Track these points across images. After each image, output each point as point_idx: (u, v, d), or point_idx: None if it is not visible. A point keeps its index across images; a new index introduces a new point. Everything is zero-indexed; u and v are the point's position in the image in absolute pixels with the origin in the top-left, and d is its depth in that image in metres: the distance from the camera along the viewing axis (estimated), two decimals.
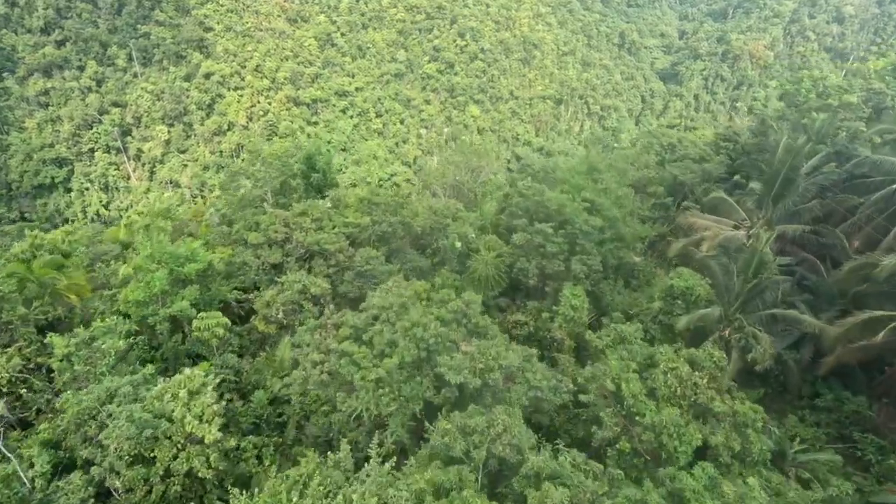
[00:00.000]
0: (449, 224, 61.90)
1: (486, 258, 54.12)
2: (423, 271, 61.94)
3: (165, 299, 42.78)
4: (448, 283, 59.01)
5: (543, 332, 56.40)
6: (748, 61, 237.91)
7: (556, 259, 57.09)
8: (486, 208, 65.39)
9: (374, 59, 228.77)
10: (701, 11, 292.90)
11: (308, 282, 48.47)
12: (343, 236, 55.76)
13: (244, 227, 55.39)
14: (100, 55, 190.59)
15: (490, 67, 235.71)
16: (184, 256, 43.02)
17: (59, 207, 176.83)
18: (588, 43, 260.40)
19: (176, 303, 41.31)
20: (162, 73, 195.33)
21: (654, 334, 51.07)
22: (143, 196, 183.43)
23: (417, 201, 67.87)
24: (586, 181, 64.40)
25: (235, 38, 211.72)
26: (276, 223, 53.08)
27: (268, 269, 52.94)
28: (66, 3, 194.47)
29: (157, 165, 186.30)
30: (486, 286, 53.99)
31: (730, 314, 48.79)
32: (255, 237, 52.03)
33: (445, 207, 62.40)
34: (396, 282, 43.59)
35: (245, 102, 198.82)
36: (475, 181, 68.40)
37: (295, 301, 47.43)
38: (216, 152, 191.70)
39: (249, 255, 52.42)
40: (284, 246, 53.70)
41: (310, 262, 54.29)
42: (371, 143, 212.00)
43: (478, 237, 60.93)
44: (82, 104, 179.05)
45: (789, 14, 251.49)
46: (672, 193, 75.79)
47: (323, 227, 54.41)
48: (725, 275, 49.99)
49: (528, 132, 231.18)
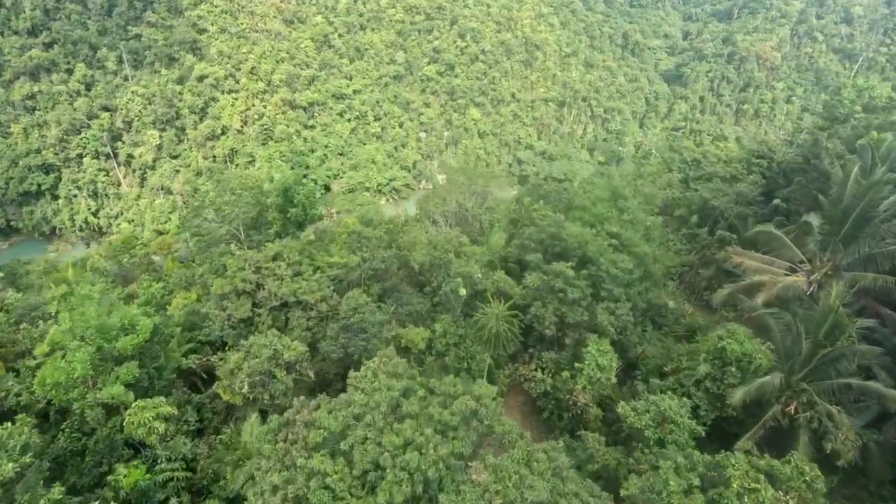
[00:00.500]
0: (451, 261, 52.37)
1: (495, 311, 44.52)
2: (422, 315, 52.53)
3: (97, 379, 33.13)
4: (450, 331, 49.59)
5: (563, 394, 46.98)
6: (755, 63, 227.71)
7: (577, 306, 47.59)
8: (493, 240, 55.88)
9: (372, 60, 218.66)
10: (705, 12, 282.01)
11: (281, 345, 38.92)
12: (327, 281, 46.26)
13: (209, 270, 45.90)
14: (89, 58, 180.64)
15: (491, 69, 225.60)
16: (117, 327, 33.30)
17: (46, 215, 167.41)
18: (591, 44, 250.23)
19: (108, 386, 31.69)
20: (153, 76, 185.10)
21: (697, 402, 41.56)
22: (133, 203, 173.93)
23: (415, 230, 58.32)
24: (610, 210, 54.81)
25: (230, 39, 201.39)
26: (246, 268, 43.51)
27: (236, 324, 43.43)
28: (55, 4, 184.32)
29: (149, 171, 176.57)
30: (497, 345, 44.42)
31: (793, 383, 39.30)
32: (219, 285, 42.44)
33: (446, 240, 52.83)
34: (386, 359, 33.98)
35: (239, 106, 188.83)
36: (480, 206, 58.84)
37: (264, 371, 37.91)
38: (209, 157, 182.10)
39: (213, 306, 42.88)
40: (255, 295, 44.20)
41: (286, 313, 44.77)
42: (369, 147, 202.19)
43: (485, 275, 51.43)
44: (70, 108, 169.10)
45: (796, 14, 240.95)
46: (702, 218, 66.16)
47: (301, 272, 44.85)
48: (787, 334, 40.47)
49: (530, 135, 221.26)
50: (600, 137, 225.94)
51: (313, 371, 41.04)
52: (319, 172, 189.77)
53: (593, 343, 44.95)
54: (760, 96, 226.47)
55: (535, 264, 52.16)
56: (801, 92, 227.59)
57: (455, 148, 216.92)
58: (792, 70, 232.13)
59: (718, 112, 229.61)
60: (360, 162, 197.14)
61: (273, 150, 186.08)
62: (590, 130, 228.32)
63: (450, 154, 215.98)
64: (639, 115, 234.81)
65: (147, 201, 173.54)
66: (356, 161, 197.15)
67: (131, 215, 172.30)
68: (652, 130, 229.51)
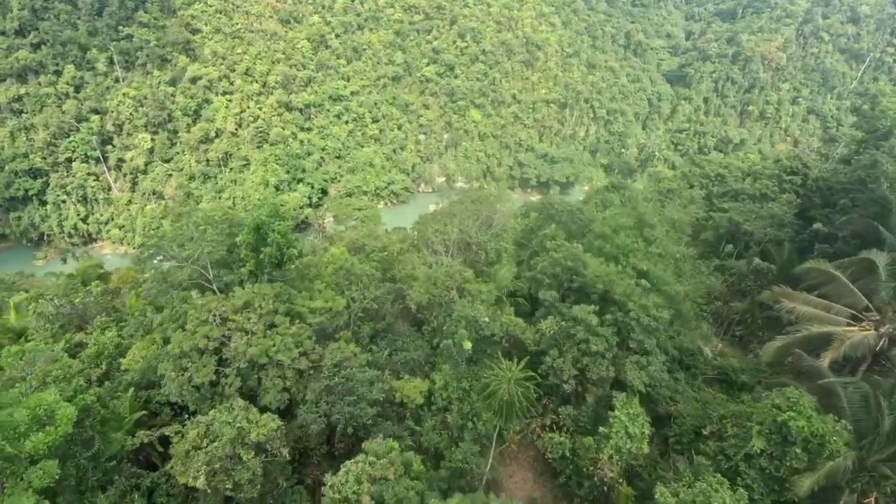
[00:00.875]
0: (454, 300, 44.85)
1: (507, 375, 36.99)
2: (419, 364, 45.02)
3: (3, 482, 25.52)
4: (452, 383, 42.13)
5: (585, 461, 39.44)
6: (760, 63, 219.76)
7: (602, 358, 40.09)
8: (501, 274, 48.23)
9: (370, 61, 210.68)
10: (708, 11, 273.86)
11: (247, 421, 31.40)
12: (308, 331, 38.74)
13: (170, 318, 38.36)
14: (78, 59, 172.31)
15: (491, 70, 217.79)
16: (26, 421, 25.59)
17: (34, 221, 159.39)
18: (593, 44, 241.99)
19: (14, 496, 24.12)
20: (145, 78, 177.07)
21: (749, 482, 34.08)
22: (124, 208, 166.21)
23: (412, 259, 50.68)
24: (635, 240, 47.19)
25: (224, 40, 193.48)
26: (210, 320, 35.95)
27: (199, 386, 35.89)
28: (43, 3, 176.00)
29: (140, 176, 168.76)
30: (510, 415, 36.89)
31: (871, 465, 31.83)
32: (178, 342, 34.88)
33: (448, 275, 45.25)
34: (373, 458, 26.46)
35: (234, 108, 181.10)
36: (486, 231, 51.25)
37: (226, 456, 30.38)
38: (203, 161, 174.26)
39: (170, 367, 35.31)
40: (222, 350, 36.67)
41: (259, 371, 37.20)
42: (367, 149, 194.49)
43: (493, 316, 43.90)
44: (59, 111, 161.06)
45: (802, 14, 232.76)
46: (731, 242, 58.56)
47: (276, 323, 37.24)
48: (862, 406, 33.00)
49: (531, 137, 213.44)
50: (602, 139, 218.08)
51: (288, 448, 33.54)
52: (316, 176, 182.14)
53: (622, 405, 37.47)
54: (766, 97, 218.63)
55: (551, 304, 44.66)
56: (807, 93, 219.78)
57: (455, 150, 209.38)
58: (798, 71, 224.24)
59: (723, 114, 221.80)
60: (357, 165, 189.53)
61: (268, 154, 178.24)
62: (592, 132, 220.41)
63: (449, 157, 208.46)
64: (641, 117, 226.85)
65: (138, 206, 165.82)
66: (354, 164, 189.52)
67: (122, 221, 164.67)
68: (655, 132, 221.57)
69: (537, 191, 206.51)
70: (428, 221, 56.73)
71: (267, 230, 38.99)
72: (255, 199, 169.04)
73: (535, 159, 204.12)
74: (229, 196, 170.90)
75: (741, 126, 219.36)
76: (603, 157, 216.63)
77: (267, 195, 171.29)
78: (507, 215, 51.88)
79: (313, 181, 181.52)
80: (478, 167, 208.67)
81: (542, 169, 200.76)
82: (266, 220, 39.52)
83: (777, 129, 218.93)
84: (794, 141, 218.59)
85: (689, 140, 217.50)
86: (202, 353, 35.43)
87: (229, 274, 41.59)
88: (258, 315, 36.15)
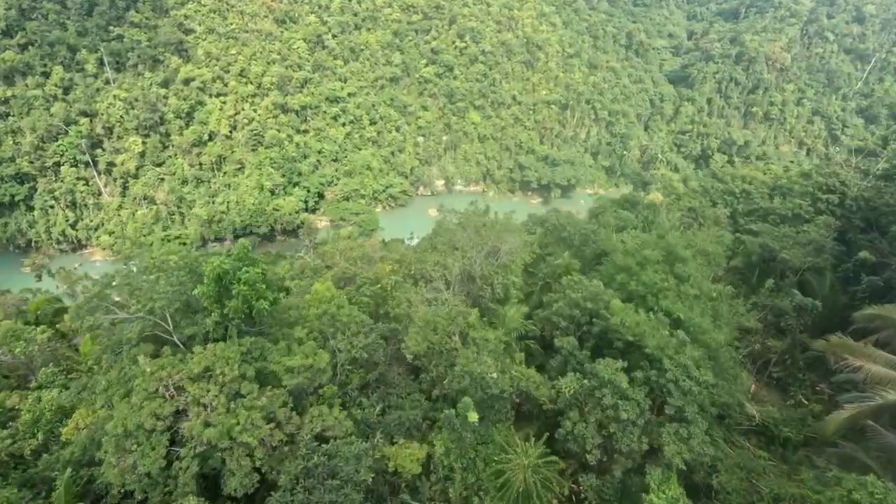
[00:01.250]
0: (456, 348, 38.03)
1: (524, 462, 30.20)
2: (416, 424, 38.23)
3: None
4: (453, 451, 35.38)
5: None
6: (764, 64, 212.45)
7: (632, 426, 33.31)
8: (510, 315, 41.34)
9: (367, 62, 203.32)
10: (710, 11, 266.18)
11: None
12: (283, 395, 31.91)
13: (116, 381, 31.49)
14: (67, 60, 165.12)
15: (491, 70, 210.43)
16: None
17: (21, 227, 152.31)
18: (594, 44, 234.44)
19: None
20: (136, 79, 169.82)
21: None
22: (115, 213, 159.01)
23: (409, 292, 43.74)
24: (665, 277, 40.29)
25: (218, 40, 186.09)
26: (160, 389, 29.08)
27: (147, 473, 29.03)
28: (31, 3, 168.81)
29: (131, 180, 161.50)
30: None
31: None
32: (119, 419, 28.03)
33: (449, 318, 38.41)
34: None
35: (228, 110, 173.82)
36: (493, 264, 44.40)
37: None
38: (196, 165, 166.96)
39: (111, 449, 28.45)
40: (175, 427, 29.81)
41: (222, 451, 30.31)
42: (365, 152, 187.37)
43: (502, 368, 37.12)
44: (46, 114, 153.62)
45: (806, 14, 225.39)
46: (763, 270, 51.62)
47: (243, 393, 30.36)
48: None
49: (531, 139, 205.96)
50: (604, 141, 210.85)
51: None
52: (312, 179, 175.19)
53: (657, 486, 30.75)
54: (770, 98, 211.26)
55: (569, 353, 37.83)
56: (811, 94, 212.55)
57: (454, 153, 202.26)
58: (802, 71, 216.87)
59: (726, 115, 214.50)
60: (354, 168, 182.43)
61: (263, 157, 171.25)
62: (593, 134, 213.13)
63: (449, 159, 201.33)
64: (643, 118, 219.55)
65: (129, 212, 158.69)
66: (351, 167, 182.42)
67: (112, 226, 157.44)
68: (657, 134, 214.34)
69: (538, 194, 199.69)
70: (427, 250, 49.76)
71: (231, 280, 32.09)
72: (249, 204, 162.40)
73: (535, 162, 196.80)
74: (223, 201, 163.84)
75: (745, 127, 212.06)
76: (605, 159, 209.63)
77: (262, 199, 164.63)
78: (517, 246, 44.95)
79: (309, 185, 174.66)
80: (477, 170, 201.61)
81: (543, 172, 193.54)
82: (230, 269, 32.51)
83: (781, 131, 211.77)
84: (798, 142, 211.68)
85: (693, 142, 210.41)
86: (150, 432, 28.65)
87: (190, 325, 34.58)
88: (219, 385, 29.30)
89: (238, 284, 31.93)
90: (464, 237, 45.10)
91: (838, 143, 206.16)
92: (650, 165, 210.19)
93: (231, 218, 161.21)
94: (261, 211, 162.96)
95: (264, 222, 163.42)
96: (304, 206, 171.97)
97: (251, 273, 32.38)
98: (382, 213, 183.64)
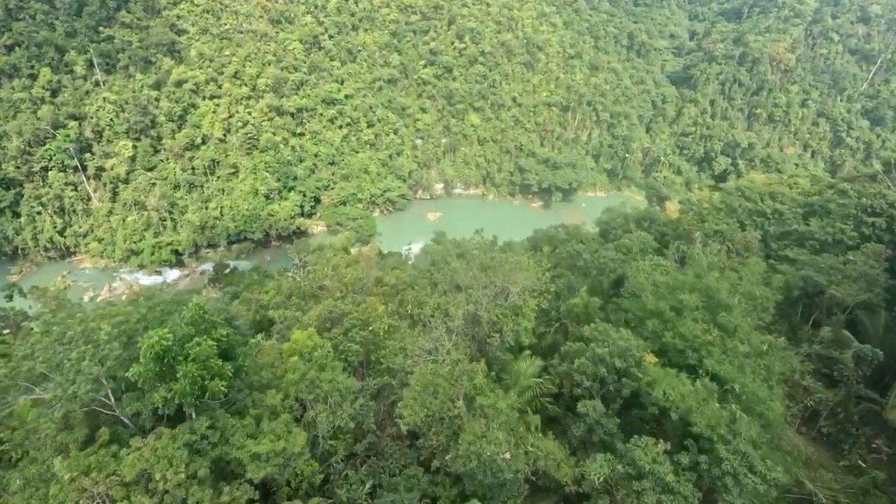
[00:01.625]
0: (460, 416, 31.14)
1: None
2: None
3: None
4: None
5: None
6: (768, 64, 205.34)
7: None
8: (524, 371, 34.41)
9: (365, 63, 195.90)
10: (712, 11, 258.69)
11: None
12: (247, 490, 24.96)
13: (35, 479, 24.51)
14: (55, 61, 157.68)
15: (491, 72, 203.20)
16: None
17: (7, 234, 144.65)
18: (595, 44, 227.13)
19: None
20: (127, 81, 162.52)
21: None
22: (104, 219, 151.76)
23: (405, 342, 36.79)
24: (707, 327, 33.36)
25: (212, 41, 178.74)
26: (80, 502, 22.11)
27: None
28: (18, 3, 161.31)
29: (121, 185, 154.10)
30: None
31: None
32: None
33: (452, 380, 31.54)
34: None
35: (222, 113, 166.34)
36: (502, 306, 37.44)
37: None
38: (188, 169, 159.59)
39: None
40: None
41: None
42: (362, 155, 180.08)
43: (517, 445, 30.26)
44: (33, 117, 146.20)
45: (811, 14, 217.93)
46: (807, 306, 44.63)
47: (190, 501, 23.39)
48: None
49: (532, 142, 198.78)
50: (606, 143, 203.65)
51: None
52: (308, 183, 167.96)
53: None
54: (774, 100, 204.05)
55: (595, 422, 30.96)
56: (816, 95, 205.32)
57: (453, 155, 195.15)
58: (807, 72, 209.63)
59: (730, 116, 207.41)
60: (352, 171, 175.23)
61: (258, 161, 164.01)
62: (595, 136, 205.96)
63: (448, 162, 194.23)
64: (645, 120, 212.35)
65: (119, 218, 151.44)
66: (348, 171, 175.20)
67: (102, 233, 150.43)
68: (660, 136, 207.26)
69: (539, 197, 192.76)
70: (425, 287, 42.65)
71: (176, 358, 25.08)
72: (243, 210, 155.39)
73: (536, 165, 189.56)
74: (217, 206, 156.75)
75: (749, 129, 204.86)
76: (606, 161, 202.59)
77: (257, 204, 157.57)
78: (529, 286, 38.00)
79: (305, 189, 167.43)
80: (477, 173, 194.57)
81: (544, 175, 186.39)
82: (173, 344, 25.44)
83: (786, 133, 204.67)
84: (803, 145, 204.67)
85: (695, 144, 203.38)
86: None
87: (135, 400, 27.33)
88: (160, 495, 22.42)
89: (185, 364, 24.93)
90: (468, 276, 38.19)
91: (843, 146, 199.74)
92: (652, 168, 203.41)
93: (225, 224, 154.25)
94: (255, 216, 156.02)
95: (259, 228, 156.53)
96: (300, 210, 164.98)
97: (203, 347, 25.32)
98: (380, 218, 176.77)
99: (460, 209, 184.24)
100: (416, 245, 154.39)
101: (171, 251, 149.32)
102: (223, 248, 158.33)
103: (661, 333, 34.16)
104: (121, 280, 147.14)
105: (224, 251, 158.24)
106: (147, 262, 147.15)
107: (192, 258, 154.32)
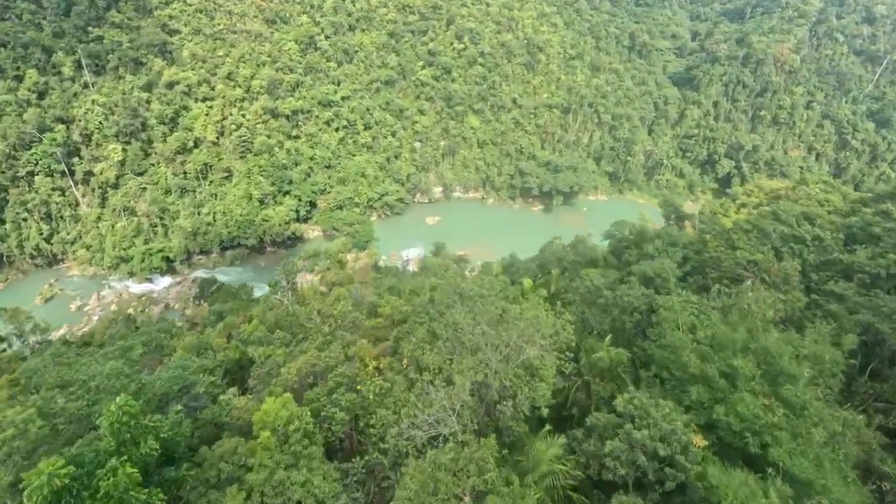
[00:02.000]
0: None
1: None
2: None
3: None
4: None
5: None
6: (772, 65, 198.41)
7: None
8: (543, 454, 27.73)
9: (362, 64, 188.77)
10: (714, 11, 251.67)
11: None
12: None
13: None
14: (42, 63, 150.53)
15: (491, 73, 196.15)
16: None
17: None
18: (596, 45, 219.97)
19: None
20: (117, 83, 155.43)
21: None
22: (93, 226, 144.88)
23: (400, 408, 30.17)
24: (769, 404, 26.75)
25: (205, 41, 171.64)
26: None
27: None
28: (4, 2, 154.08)
29: (110, 190, 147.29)
30: None
31: None
32: None
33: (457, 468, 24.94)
34: None
35: (215, 115, 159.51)
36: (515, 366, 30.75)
37: None
38: (180, 173, 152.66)
39: None
40: None
41: None
42: (359, 158, 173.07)
43: None
44: (19, 120, 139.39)
45: (815, 14, 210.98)
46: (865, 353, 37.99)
47: None
48: None
49: (532, 144, 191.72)
50: (607, 146, 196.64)
51: None
52: (304, 188, 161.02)
53: None
54: (778, 101, 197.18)
55: None
56: (821, 97, 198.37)
57: (452, 158, 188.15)
58: (811, 73, 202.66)
59: (733, 118, 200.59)
60: (348, 175, 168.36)
61: (252, 164, 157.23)
62: (596, 138, 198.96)
63: (447, 165, 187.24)
64: (647, 122, 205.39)
65: (108, 224, 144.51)
66: (345, 174, 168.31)
67: (90, 240, 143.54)
68: (662, 138, 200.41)
69: (539, 200, 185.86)
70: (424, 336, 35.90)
71: (79, 495, 18.24)
72: (237, 215, 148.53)
73: (537, 167, 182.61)
74: (209, 211, 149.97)
75: (753, 131, 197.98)
76: (608, 164, 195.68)
77: (251, 209, 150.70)
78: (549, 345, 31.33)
79: (301, 193, 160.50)
80: (476, 176, 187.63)
81: (545, 178, 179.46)
82: (77, 480, 18.51)
83: (791, 135, 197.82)
84: (808, 147, 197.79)
85: (698, 146, 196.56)
86: None
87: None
88: None
89: (107, 482, 18.13)
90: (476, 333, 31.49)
91: (848, 148, 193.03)
92: (655, 171, 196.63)
93: (218, 229, 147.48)
94: (249, 222, 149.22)
95: (253, 234, 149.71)
96: (295, 215, 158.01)
97: (118, 478, 18.53)
98: (378, 222, 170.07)
99: (460, 213, 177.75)
100: (415, 250, 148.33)
101: (162, 258, 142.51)
102: (216, 254, 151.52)
103: (708, 404, 27.57)
104: (110, 288, 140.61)
105: (217, 258, 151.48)
106: (137, 269, 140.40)
107: (184, 265, 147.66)
